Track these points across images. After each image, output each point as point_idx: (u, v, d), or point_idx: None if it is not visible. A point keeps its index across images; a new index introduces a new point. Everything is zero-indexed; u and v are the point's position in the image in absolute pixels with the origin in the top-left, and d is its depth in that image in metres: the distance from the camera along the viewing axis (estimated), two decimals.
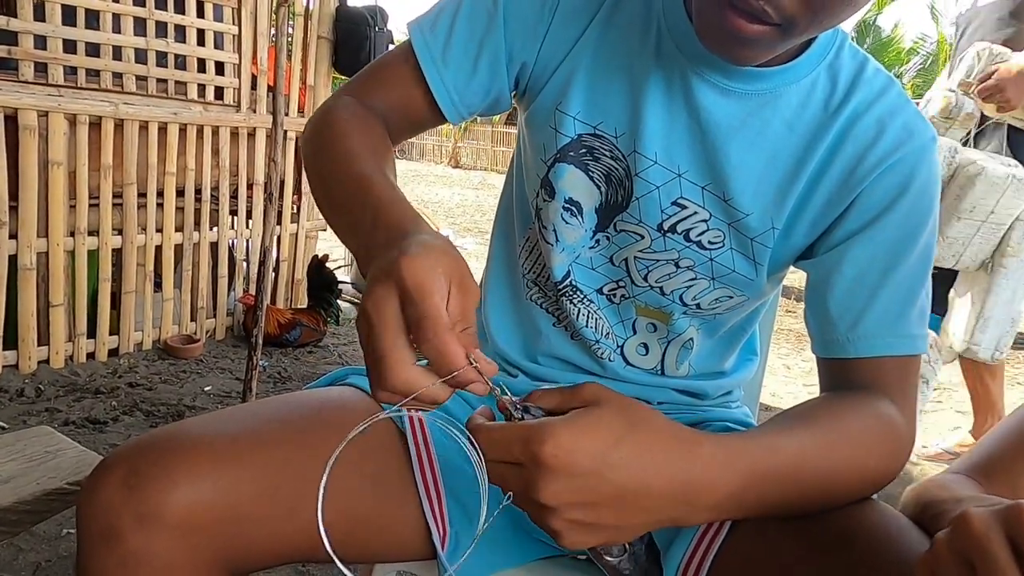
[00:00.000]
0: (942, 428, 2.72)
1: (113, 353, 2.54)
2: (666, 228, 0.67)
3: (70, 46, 2.28)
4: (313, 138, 0.65)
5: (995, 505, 0.38)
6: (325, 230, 3.41)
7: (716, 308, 0.71)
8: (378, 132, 0.65)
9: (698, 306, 0.71)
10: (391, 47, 3.21)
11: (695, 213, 0.66)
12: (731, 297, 0.70)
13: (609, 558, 0.49)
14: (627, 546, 0.49)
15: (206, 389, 2.39)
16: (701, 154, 0.65)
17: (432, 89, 0.67)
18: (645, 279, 0.71)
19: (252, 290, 2.87)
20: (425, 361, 0.45)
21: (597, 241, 0.71)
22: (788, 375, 3.24)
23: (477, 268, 0.91)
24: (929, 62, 14.84)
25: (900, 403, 0.62)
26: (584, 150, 0.68)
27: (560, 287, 0.73)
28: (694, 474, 0.47)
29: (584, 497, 0.44)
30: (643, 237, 0.69)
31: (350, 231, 0.55)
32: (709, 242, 0.67)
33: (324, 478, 0.46)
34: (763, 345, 0.88)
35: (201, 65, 2.66)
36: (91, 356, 2.48)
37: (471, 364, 0.44)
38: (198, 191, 2.68)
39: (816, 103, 0.64)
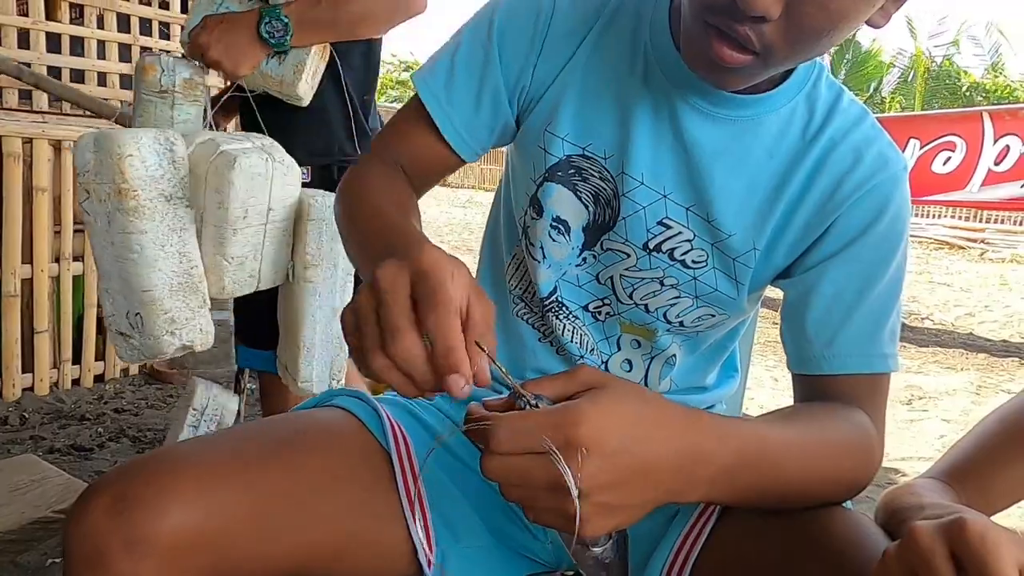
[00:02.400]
0: (928, 436, 2.75)
1: (99, 379, 2.52)
2: (651, 247, 0.69)
3: (55, 73, 2.29)
4: (342, 198, 0.72)
5: (947, 516, 0.39)
6: None
7: (699, 326, 0.73)
8: (400, 186, 0.70)
9: (681, 324, 0.72)
10: (386, 67, 3.24)
11: (679, 233, 0.69)
12: (713, 316, 0.72)
13: (595, 548, 0.48)
14: (611, 534, 0.48)
15: None
16: (686, 176, 0.67)
17: (442, 131, 0.71)
18: (630, 297, 0.72)
19: None
20: None
21: (584, 259, 0.73)
22: (776, 387, 3.27)
23: None
24: (910, 76, 15.13)
25: (872, 416, 0.64)
26: (573, 170, 0.70)
27: (546, 303, 0.74)
28: (696, 444, 0.48)
29: (614, 476, 0.44)
30: (629, 256, 0.70)
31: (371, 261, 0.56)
32: (693, 261, 0.69)
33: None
34: (743, 361, 0.90)
35: None
36: (76, 382, 2.46)
37: (480, 349, 0.45)
38: None
39: (795, 131, 0.67)
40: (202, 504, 0.56)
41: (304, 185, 1.21)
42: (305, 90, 1.23)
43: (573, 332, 0.75)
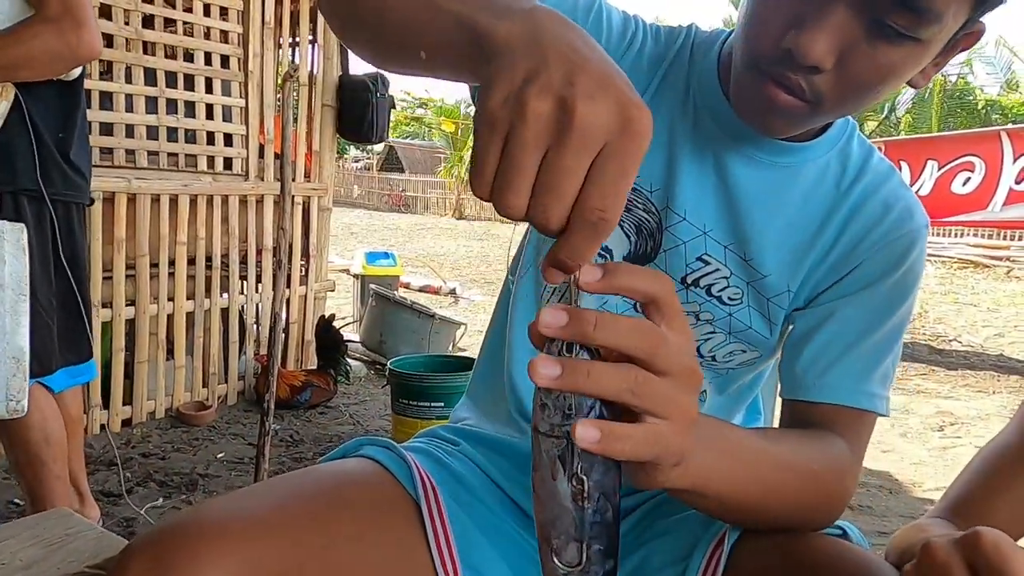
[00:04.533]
0: (963, 464, 2.68)
1: (126, 423, 2.55)
2: (689, 281, 0.72)
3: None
4: None
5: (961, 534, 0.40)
6: (333, 291, 3.45)
7: (729, 362, 0.74)
8: None
9: (713, 358, 0.74)
10: (393, 112, 3.31)
11: (717, 270, 0.71)
12: (744, 352, 0.74)
13: (559, 565, 0.40)
14: (586, 557, 0.40)
15: (219, 456, 2.39)
16: (726, 215, 0.70)
17: None
18: None
19: (263, 352, 2.90)
20: None
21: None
22: None
23: (484, 319, 0.93)
24: (927, 94, 15.09)
25: (852, 448, 0.66)
26: None
27: None
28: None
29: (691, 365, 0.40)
30: None
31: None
32: (729, 298, 0.72)
33: None
34: (766, 404, 0.91)
35: (210, 138, 2.75)
36: (104, 428, 2.49)
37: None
38: (208, 259, 2.74)
39: (829, 182, 0.71)
40: (237, 563, 0.57)
41: None
42: None
43: None
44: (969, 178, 4.82)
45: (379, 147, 24.48)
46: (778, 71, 0.58)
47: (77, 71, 1.46)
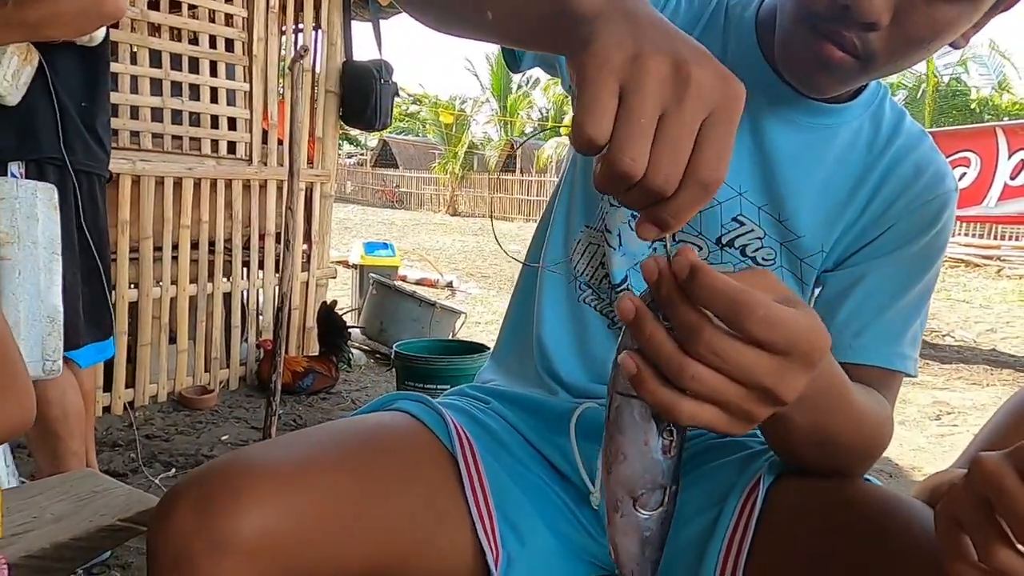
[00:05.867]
0: (960, 451, 2.71)
1: (128, 406, 2.54)
2: (724, 242, 0.72)
3: None
4: None
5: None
6: (335, 277, 3.45)
7: None
8: None
9: None
10: (396, 99, 3.31)
11: (751, 231, 0.72)
12: None
13: (642, 512, 0.42)
14: (667, 498, 0.42)
15: (223, 439, 2.38)
16: (760, 177, 0.71)
17: None
18: None
19: (264, 337, 2.89)
20: None
21: (655, 249, 0.74)
22: None
23: (481, 311, 0.93)
24: (919, 94, 15.19)
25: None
26: None
27: (618, 290, 0.76)
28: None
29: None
30: (701, 249, 0.73)
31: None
32: (763, 259, 0.72)
33: None
34: None
35: (214, 121, 2.74)
36: (107, 410, 2.48)
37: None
38: (212, 243, 2.73)
39: (862, 144, 0.71)
40: (281, 506, 0.58)
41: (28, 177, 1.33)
42: (4, 87, 1.33)
43: None
44: (964, 173, 4.87)
45: (373, 143, 24.39)
46: (832, 28, 0.58)
47: (100, 35, 1.44)
